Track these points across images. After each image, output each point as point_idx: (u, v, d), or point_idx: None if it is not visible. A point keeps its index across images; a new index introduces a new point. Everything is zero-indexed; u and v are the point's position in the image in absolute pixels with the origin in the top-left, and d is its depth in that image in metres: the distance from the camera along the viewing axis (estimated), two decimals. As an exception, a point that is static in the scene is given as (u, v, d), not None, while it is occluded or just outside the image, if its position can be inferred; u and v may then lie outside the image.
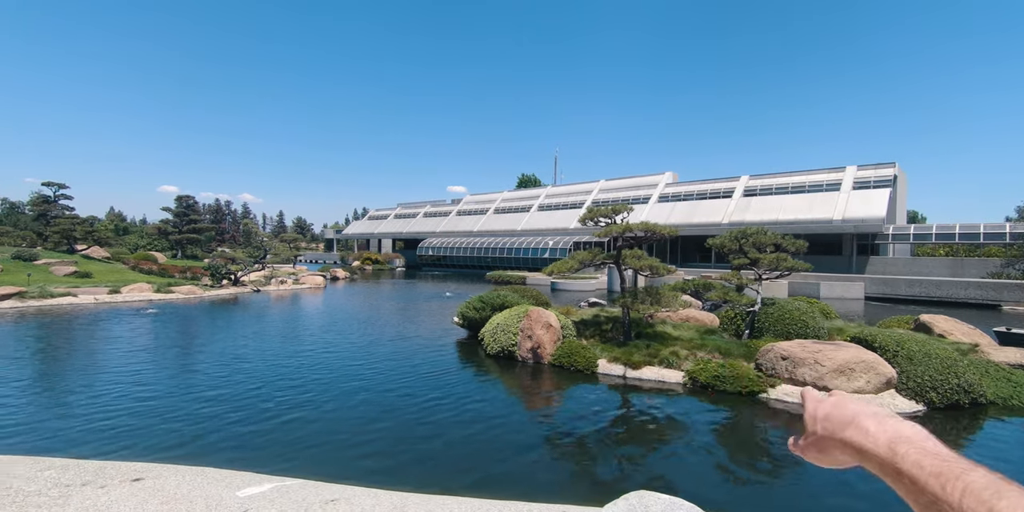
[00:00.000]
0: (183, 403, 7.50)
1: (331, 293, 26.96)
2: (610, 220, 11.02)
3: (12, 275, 22.13)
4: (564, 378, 9.14)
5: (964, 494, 0.47)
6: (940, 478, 0.50)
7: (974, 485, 0.48)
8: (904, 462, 0.55)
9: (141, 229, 55.71)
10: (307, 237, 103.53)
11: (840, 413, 0.67)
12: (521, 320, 10.51)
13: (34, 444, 5.73)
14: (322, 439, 6.15)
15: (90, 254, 28.53)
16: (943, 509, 0.49)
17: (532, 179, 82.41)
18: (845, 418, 0.65)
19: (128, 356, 10.75)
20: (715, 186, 41.74)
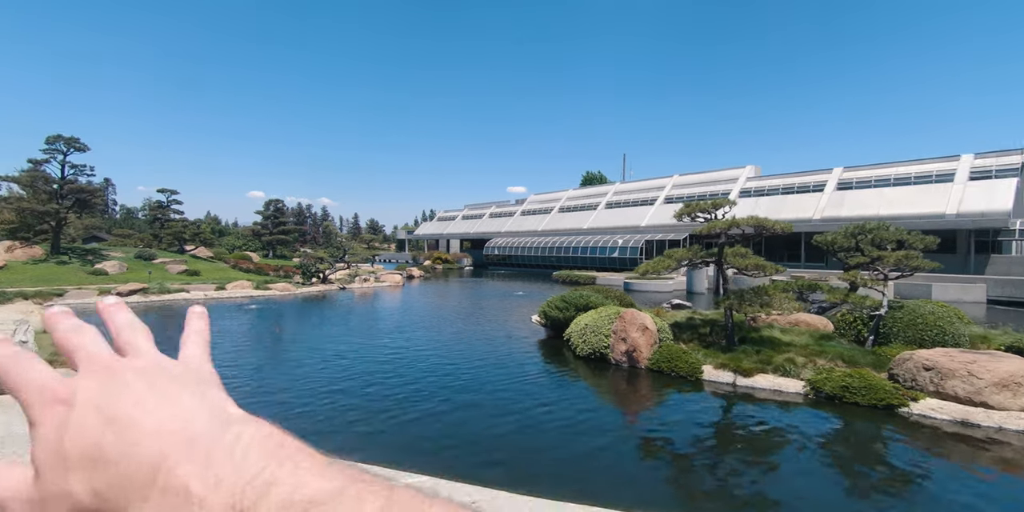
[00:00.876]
0: (305, 398, 7.88)
1: (409, 291, 27.85)
2: (710, 215, 10.39)
3: (135, 273, 24.74)
4: (665, 384, 8.70)
5: None
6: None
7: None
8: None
9: (237, 231, 60.69)
10: (380, 238, 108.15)
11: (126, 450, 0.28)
12: (613, 322, 10.16)
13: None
14: (441, 442, 6.19)
15: (197, 254, 31.41)
16: None
17: (598, 176, 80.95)
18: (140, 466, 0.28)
19: (243, 349, 11.55)
20: (804, 179, 38.81)
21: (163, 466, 0.28)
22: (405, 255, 70.80)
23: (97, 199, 25.65)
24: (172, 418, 0.30)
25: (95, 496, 0.28)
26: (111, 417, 0.30)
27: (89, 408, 0.30)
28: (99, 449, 0.28)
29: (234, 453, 0.29)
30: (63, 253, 24.98)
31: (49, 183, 23.68)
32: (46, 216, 23.87)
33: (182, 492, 0.27)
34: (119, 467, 0.28)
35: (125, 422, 0.29)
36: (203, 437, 0.30)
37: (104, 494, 0.27)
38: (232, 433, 0.30)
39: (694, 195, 45.01)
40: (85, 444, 0.29)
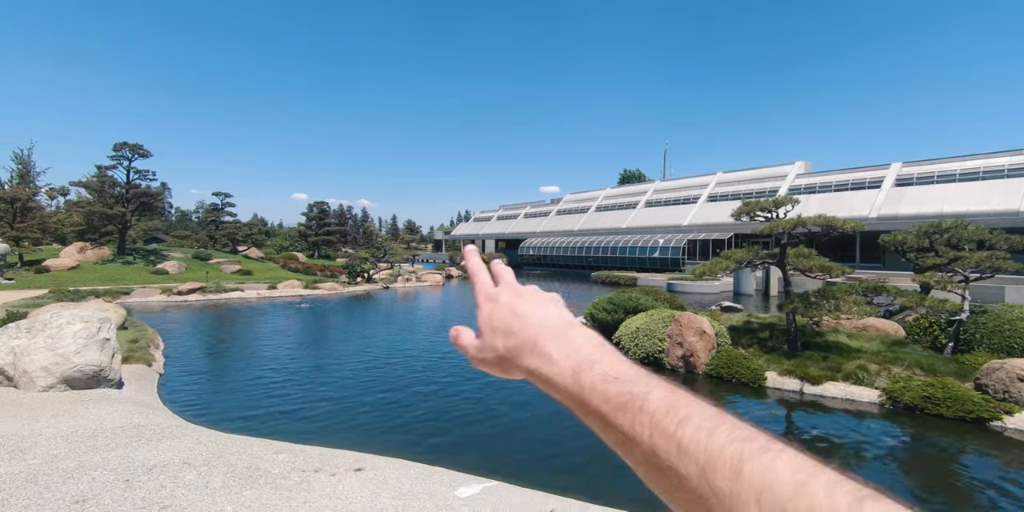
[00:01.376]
0: (360, 393, 8.03)
1: (449, 290, 28.15)
2: (770, 214, 9.97)
3: (192, 272, 25.99)
4: (726, 391, 8.39)
5: (652, 431, 0.38)
6: (627, 413, 0.41)
7: (658, 415, 0.39)
8: (592, 396, 0.43)
9: (283, 232, 63.02)
10: (417, 238, 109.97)
11: (521, 329, 0.50)
12: (667, 325, 9.90)
13: (243, 425, 6.43)
14: (499, 443, 6.16)
15: (248, 254, 32.77)
16: (635, 451, 0.39)
17: (636, 174, 79.58)
18: (527, 339, 0.49)
19: (301, 346, 11.90)
20: (858, 175, 36.93)
21: (537, 341, 0.49)
22: (442, 255, 71.79)
23: (158, 202, 27.15)
24: (543, 318, 0.51)
25: (506, 350, 0.51)
26: (516, 312, 0.52)
27: (505, 305, 0.53)
28: (509, 327, 0.51)
29: (574, 341, 0.48)
30: (128, 254, 26.55)
31: (116, 187, 25.22)
32: (113, 219, 25.41)
33: (546, 355, 0.48)
34: (517, 337, 0.50)
35: (522, 315, 0.52)
36: (558, 330, 0.50)
37: (510, 349, 0.50)
38: (572, 331, 0.50)
39: (739, 193, 43.59)
40: (503, 323, 0.52)
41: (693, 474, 0.35)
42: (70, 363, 6.38)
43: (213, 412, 6.97)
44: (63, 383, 6.37)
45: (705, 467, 0.35)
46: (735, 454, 0.34)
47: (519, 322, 0.51)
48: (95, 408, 5.84)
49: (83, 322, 6.72)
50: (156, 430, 5.23)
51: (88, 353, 6.52)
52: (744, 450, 0.35)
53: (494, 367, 0.53)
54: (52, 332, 6.57)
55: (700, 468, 0.35)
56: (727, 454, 0.35)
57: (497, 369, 0.53)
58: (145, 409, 6.22)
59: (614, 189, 60.25)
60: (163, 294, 20.56)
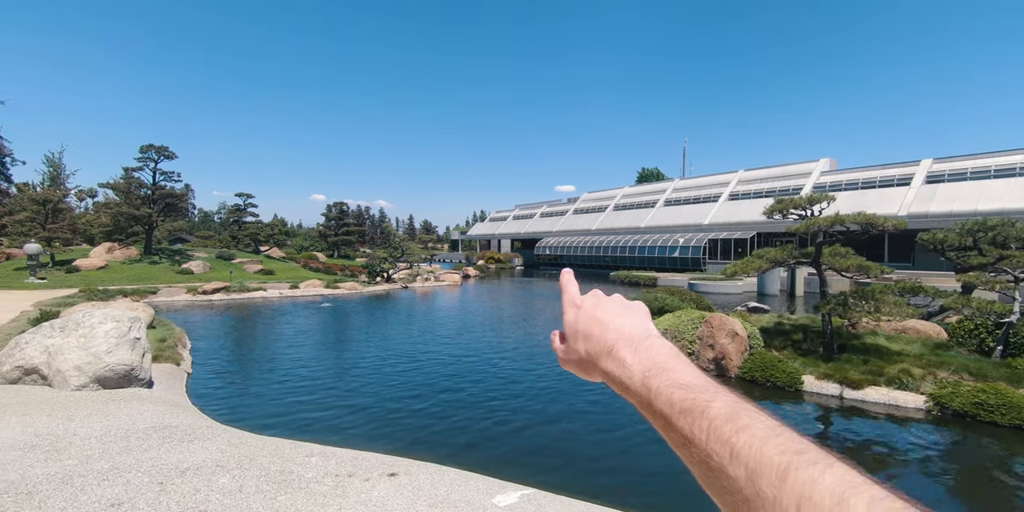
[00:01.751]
0: (386, 395, 7.96)
1: (467, 290, 28.12)
2: (804, 212, 9.63)
3: (216, 272, 26.38)
4: (761, 395, 8.11)
5: (709, 435, 0.41)
6: (688, 416, 0.44)
7: (717, 421, 0.42)
8: (657, 400, 0.47)
9: (304, 232, 63.83)
10: (433, 238, 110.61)
11: (601, 334, 0.55)
12: (697, 326, 9.64)
13: (269, 424, 6.39)
14: (533, 449, 6.01)
15: (270, 254, 33.18)
16: (694, 453, 0.42)
17: (654, 173, 78.67)
18: (605, 343, 0.54)
19: (325, 347, 11.91)
20: (887, 173, 35.89)
21: (615, 346, 0.53)
22: (459, 255, 72.00)
23: (183, 203, 27.66)
24: (621, 326, 0.55)
25: (586, 352, 0.55)
26: (597, 319, 0.57)
27: (588, 312, 0.58)
28: (590, 332, 0.56)
29: (650, 350, 0.52)
30: (154, 254, 27.07)
31: (142, 189, 25.73)
32: (140, 219, 25.93)
33: (620, 359, 0.52)
34: (597, 342, 0.55)
35: (603, 322, 0.56)
36: (635, 337, 0.53)
37: (590, 352, 0.55)
38: (649, 340, 0.53)
39: (762, 191, 42.79)
40: (584, 328, 0.57)
41: (741, 477, 0.37)
42: (102, 362, 6.42)
43: (241, 412, 6.96)
44: (95, 382, 6.41)
45: (754, 471, 0.37)
46: (783, 463, 0.36)
47: (599, 328, 0.55)
48: (126, 408, 5.85)
49: (114, 321, 6.76)
50: (187, 431, 5.20)
51: (119, 352, 6.55)
52: (793, 461, 0.37)
53: (577, 368, 0.58)
54: (84, 331, 6.61)
55: (748, 472, 0.37)
56: (776, 462, 0.37)
57: (580, 370, 0.58)
58: (175, 409, 6.22)
59: (632, 188, 59.63)
60: (188, 293, 20.88)
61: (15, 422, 5.15)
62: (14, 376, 6.47)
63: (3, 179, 49.58)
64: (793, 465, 0.36)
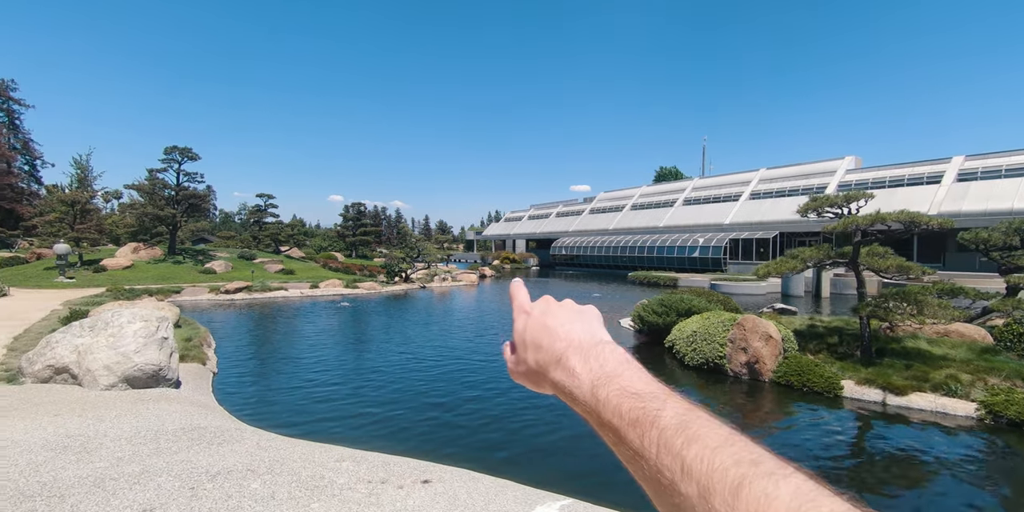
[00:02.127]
0: (411, 396, 7.85)
1: (485, 290, 28.01)
2: (840, 210, 9.26)
3: (238, 272, 26.70)
4: (796, 400, 7.80)
5: (660, 448, 0.39)
6: (638, 428, 0.41)
7: (667, 432, 0.39)
8: (606, 411, 0.44)
9: (322, 232, 64.55)
10: (448, 238, 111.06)
11: (550, 343, 0.52)
12: (728, 329, 9.34)
13: (298, 426, 6.32)
14: (566, 455, 5.82)
15: (290, 254, 33.56)
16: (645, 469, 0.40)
17: (672, 172, 77.77)
18: (554, 352, 0.51)
19: (348, 347, 11.88)
20: (915, 170, 34.86)
21: (564, 355, 0.50)
22: (474, 255, 72.08)
23: (206, 204, 28.10)
24: (570, 332, 0.52)
25: (536, 363, 0.52)
26: (546, 326, 0.53)
27: (536, 319, 0.55)
28: (538, 341, 0.53)
29: (599, 356, 0.48)
30: (178, 253, 27.52)
31: (167, 189, 26.20)
32: (164, 220, 26.39)
33: (570, 369, 0.48)
34: (545, 352, 0.52)
35: (552, 329, 0.53)
36: (585, 344, 0.50)
37: (539, 362, 0.52)
38: (599, 347, 0.50)
39: (784, 189, 41.95)
40: (533, 338, 0.53)
41: (693, 494, 0.35)
42: (131, 362, 6.41)
43: (267, 413, 6.90)
44: (124, 382, 6.41)
45: (706, 488, 0.34)
46: (736, 476, 0.34)
47: (548, 336, 0.52)
48: (155, 408, 5.82)
49: (142, 321, 6.76)
50: (216, 433, 5.13)
51: (147, 352, 6.54)
52: (747, 473, 0.34)
53: (527, 380, 0.55)
54: (113, 331, 6.62)
55: (700, 489, 0.34)
56: (729, 476, 0.34)
57: (530, 382, 0.55)
58: (203, 410, 6.18)
59: (650, 187, 58.97)
60: (211, 293, 21.14)
61: (47, 422, 5.14)
62: (45, 375, 6.50)
63: (34, 181, 51.08)
64: (747, 478, 0.33)
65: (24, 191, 46.65)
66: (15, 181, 44.39)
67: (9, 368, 7.14)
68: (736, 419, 7.38)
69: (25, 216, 41.16)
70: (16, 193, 43.66)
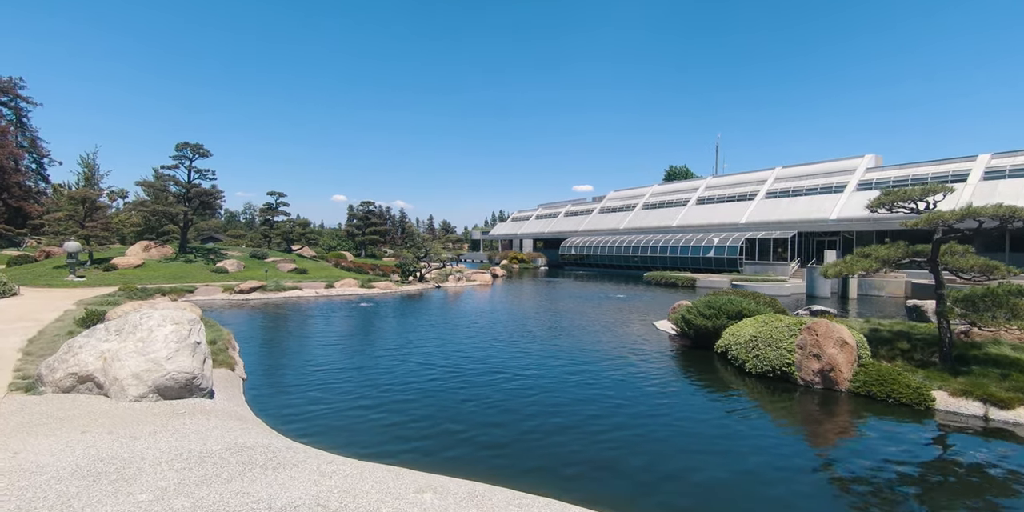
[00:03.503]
0: (465, 408, 7.20)
1: (499, 290, 27.40)
2: (916, 204, 8.58)
3: (251, 271, 26.13)
4: (878, 413, 7.10)
5: None
6: None
7: None
8: None
9: (331, 231, 64.09)
10: (453, 238, 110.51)
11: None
12: (795, 334, 8.66)
13: (332, 438, 5.69)
14: (652, 481, 5.17)
15: (302, 253, 32.98)
16: None
17: (683, 171, 77.07)
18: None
19: (379, 351, 11.24)
20: (939, 169, 34.08)
21: None
22: (480, 254, 71.53)
23: (218, 201, 27.59)
24: None
25: None
26: None
27: None
28: None
29: None
30: (189, 252, 26.97)
31: (178, 187, 25.64)
32: (174, 217, 25.83)
33: None
34: None
35: None
36: None
37: None
38: None
39: (802, 188, 41.23)
40: None
41: None
42: (162, 370, 5.79)
43: (309, 426, 6.27)
44: (155, 392, 5.78)
45: None
46: None
47: None
48: (192, 423, 5.18)
49: (173, 324, 6.14)
50: (267, 454, 4.49)
51: (180, 359, 5.92)
52: None
53: None
54: (143, 335, 6.00)
55: None
56: None
57: None
58: (243, 424, 5.54)
59: (661, 186, 58.27)
60: (225, 292, 20.56)
61: (75, 441, 4.51)
62: (67, 384, 5.88)
63: (41, 179, 50.72)
64: None
65: (32, 189, 46.28)
66: (23, 179, 43.98)
67: (27, 375, 6.53)
68: (816, 434, 6.72)
69: (32, 214, 40.75)
70: (24, 191, 43.26)
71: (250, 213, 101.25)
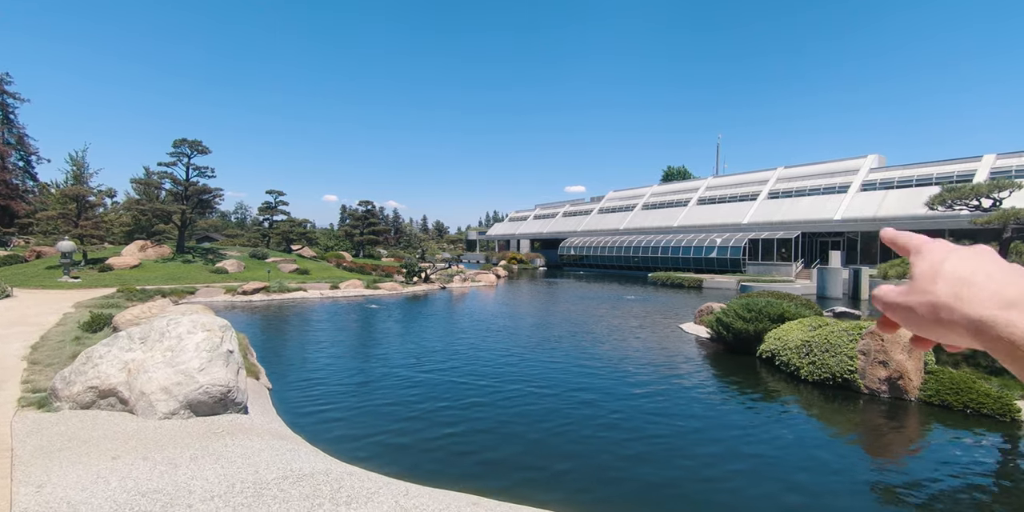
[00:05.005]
0: (509, 418, 6.65)
1: (505, 291, 26.89)
2: (979, 201, 8.17)
3: (251, 271, 25.34)
4: (955, 424, 6.65)
5: None
6: None
7: None
8: None
9: (329, 231, 63.11)
10: (444, 239, 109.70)
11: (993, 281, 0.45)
12: (855, 338, 8.20)
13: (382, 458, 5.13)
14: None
15: (302, 253, 32.17)
16: None
17: (681, 171, 76.93)
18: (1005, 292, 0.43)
19: (400, 357, 10.65)
20: (944, 169, 34.05)
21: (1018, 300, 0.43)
22: (478, 255, 70.88)
23: (216, 199, 26.73)
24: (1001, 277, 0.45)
25: (955, 297, 0.45)
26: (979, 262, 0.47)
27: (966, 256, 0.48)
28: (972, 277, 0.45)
29: None
30: (187, 252, 26.10)
31: (177, 185, 24.76)
32: (170, 217, 24.96)
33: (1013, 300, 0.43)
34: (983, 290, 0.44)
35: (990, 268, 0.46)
36: None
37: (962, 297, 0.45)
38: None
39: (805, 188, 41.10)
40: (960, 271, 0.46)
41: None
42: (194, 383, 5.17)
43: (360, 445, 5.68)
44: (187, 408, 5.16)
45: None
46: None
47: (987, 273, 0.45)
48: (235, 445, 4.58)
49: (205, 331, 5.52)
50: (330, 483, 3.91)
51: (213, 370, 5.30)
52: None
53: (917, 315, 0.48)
54: (171, 343, 5.38)
55: None
56: None
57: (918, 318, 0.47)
58: (289, 444, 4.94)
59: (661, 186, 58.07)
60: (227, 294, 19.80)
61: (107, 470, 3.90)
62: (87, 399, 5.25)
63: (29, 177, 49.30)
64: None
65: (19, 188, 44.91)
66: (9, 177, 42.63)
67: (37, 388, 5.88)
68: (890, 450, 6.26)
69: (20, 213, 39.49)
70: (11, 189, 41.92)
71: (242, 213, 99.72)
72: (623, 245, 48.63)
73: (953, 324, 0.45)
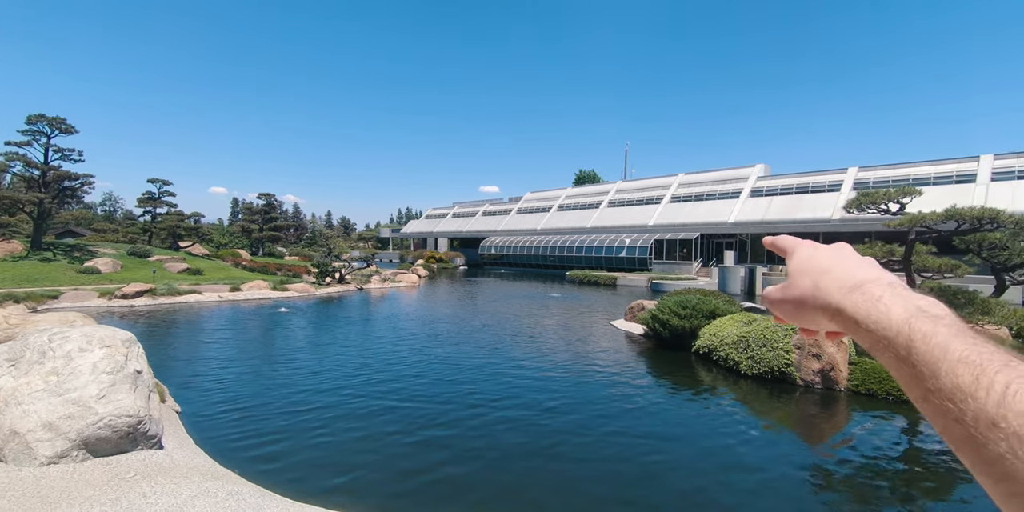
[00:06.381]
0: (440, 433, 6.12)
1: (428, 291, 25.98)
2: (887, 206, 9.10)
3: (131, 271, 21.91)
4: (878, 409, 7.31)
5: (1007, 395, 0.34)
6: (971, 367, 0.37)
7: None
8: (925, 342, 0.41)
9: (219, 227, 56.89)
10: (353, 236, 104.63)
11: (843, 270, 0.51)
12: (790, 333, 8.74)
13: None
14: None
15: (192, 251, 28.44)
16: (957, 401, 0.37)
17: (591, 175, 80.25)
18: (852, 278, 0.50)
19: (315, 370, 9.57)
20: (819, 179, 38.71)
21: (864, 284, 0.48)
22: (392, 253, 68.31)
23: (86, 187, 22.62)
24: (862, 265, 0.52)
25: (816, 286, 0.51)
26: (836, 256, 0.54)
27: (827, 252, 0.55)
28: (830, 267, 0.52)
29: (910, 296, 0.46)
30: (45, 249, 21.86)
31: (31, 169, 20.56)
32: (24, 206, 20.77)
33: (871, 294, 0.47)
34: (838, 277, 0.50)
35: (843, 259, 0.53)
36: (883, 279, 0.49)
37: (822, 286, 0.51)
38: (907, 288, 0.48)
39: (703, 194, 44.66)
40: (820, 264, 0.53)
41: None
42: (92, 415, 4.01)
43: (304, 475, 4.81)
44: (80, 448, 3.98)
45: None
46: None
47: (841, 265, 0.52)
48: (156, 494, 3.57)
49: (104, 347, 4.32)
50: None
51: (117, 396, 4.16)
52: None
53: (792, 308, 0.54)
54: (56, 365, 4.13)
55: None
56: None
57: (795, 309, 0.54)
58: (227, 485, 3.98)
59: (575, 189, 60.11)
60: (102, 298, 16.84)
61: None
62: (-77, 446, 3.85)
63: None
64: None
65: None
66: None
67: None
68: (833, 435, 6.70)
69: None
70: None
71: (111, 205, 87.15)
72: (542, 245, 49.50)
73: (817, 311, 0.50)
